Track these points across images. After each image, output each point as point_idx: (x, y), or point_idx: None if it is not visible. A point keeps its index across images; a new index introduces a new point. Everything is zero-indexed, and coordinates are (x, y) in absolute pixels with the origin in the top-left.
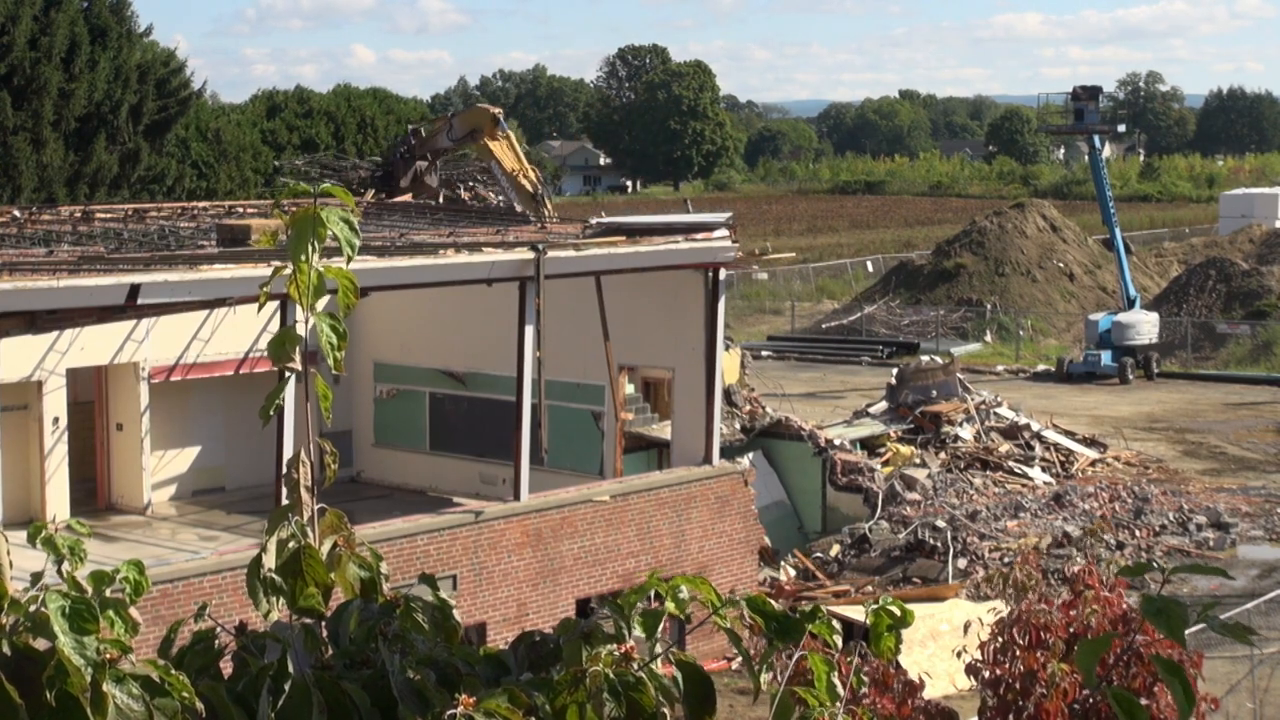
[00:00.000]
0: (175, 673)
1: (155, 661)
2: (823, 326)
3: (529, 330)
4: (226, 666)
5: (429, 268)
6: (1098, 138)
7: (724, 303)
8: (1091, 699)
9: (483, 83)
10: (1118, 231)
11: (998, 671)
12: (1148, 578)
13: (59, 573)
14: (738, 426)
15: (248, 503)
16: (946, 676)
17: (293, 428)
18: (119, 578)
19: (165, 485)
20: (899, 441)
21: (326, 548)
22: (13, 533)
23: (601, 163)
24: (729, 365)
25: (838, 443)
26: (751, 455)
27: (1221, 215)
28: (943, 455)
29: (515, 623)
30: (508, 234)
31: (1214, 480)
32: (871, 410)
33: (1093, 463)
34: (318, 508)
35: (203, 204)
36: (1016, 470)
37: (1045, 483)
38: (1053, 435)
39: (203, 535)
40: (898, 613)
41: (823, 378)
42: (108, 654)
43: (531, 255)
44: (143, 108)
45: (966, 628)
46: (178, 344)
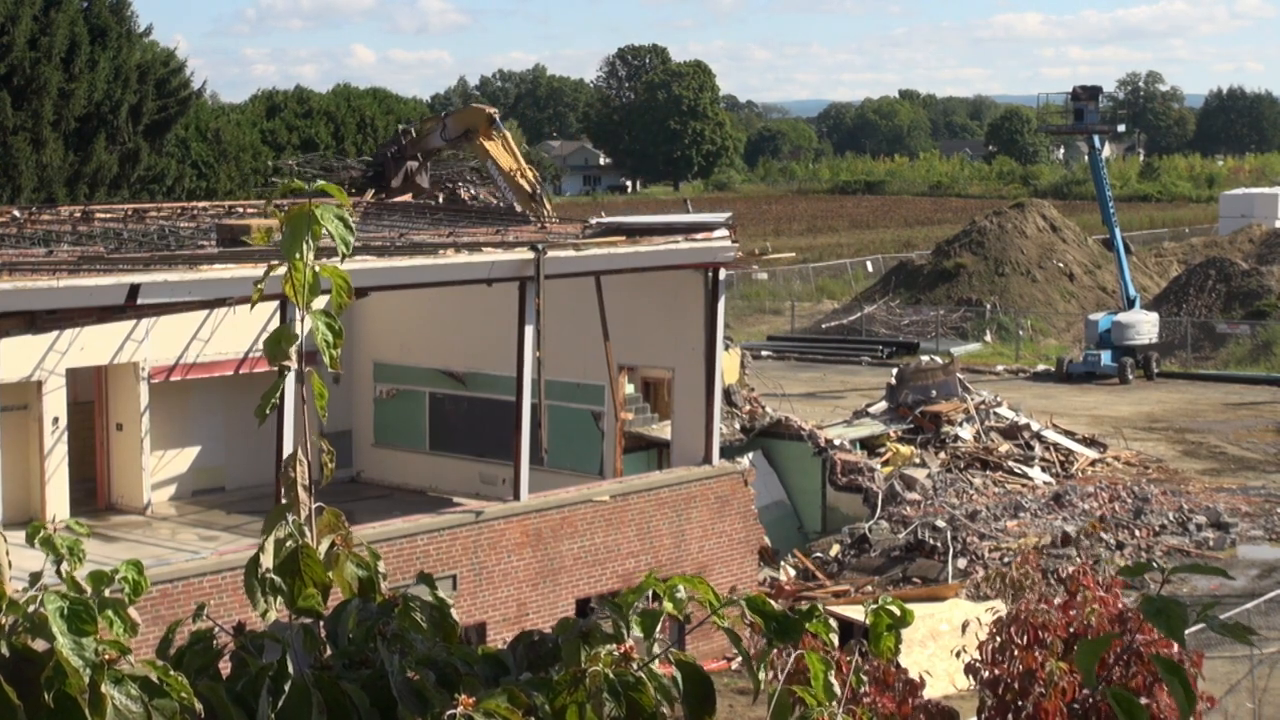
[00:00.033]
0: (174, 673)
1: (154, 662)
2: (823, 326)
3: (529, 330)
4: (225, 667)
5: (429, 268)
6: (1098, 138)
7: (724, 303)
8: (1091, 698)
9: (483, 83)
10: (1117, 231)
11: (996, 671)
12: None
13: (58, 573)
14: (738, 426)
15: (248, 503)
16: (946, 676)
17: (292, 427)
18: (118, 578)
19: (165, 485)
20: (899, 441)
21: (324, 547)
22: (12, 533)
23: (601, 163)
24: (729, 365)
25: (838, 443)
26: (751, 455)
27: (1221, 215)
28: (943, 455)
29: (515, 623)
30: (508, 234)
31: (1214, 480)
32: (871, 410)
33: (1092, 463)
34: (316, 507)
35: (203, 204)
36: (1016, 470)
37: (1045, 483)
38: (1052, 435)
39: (203, 535)
40: (897, 612)
41: (823, 378)
42: (106, 655)
43: (531, 255)
44: (143, 108)
45: (965, 627)
46: (178, 344)
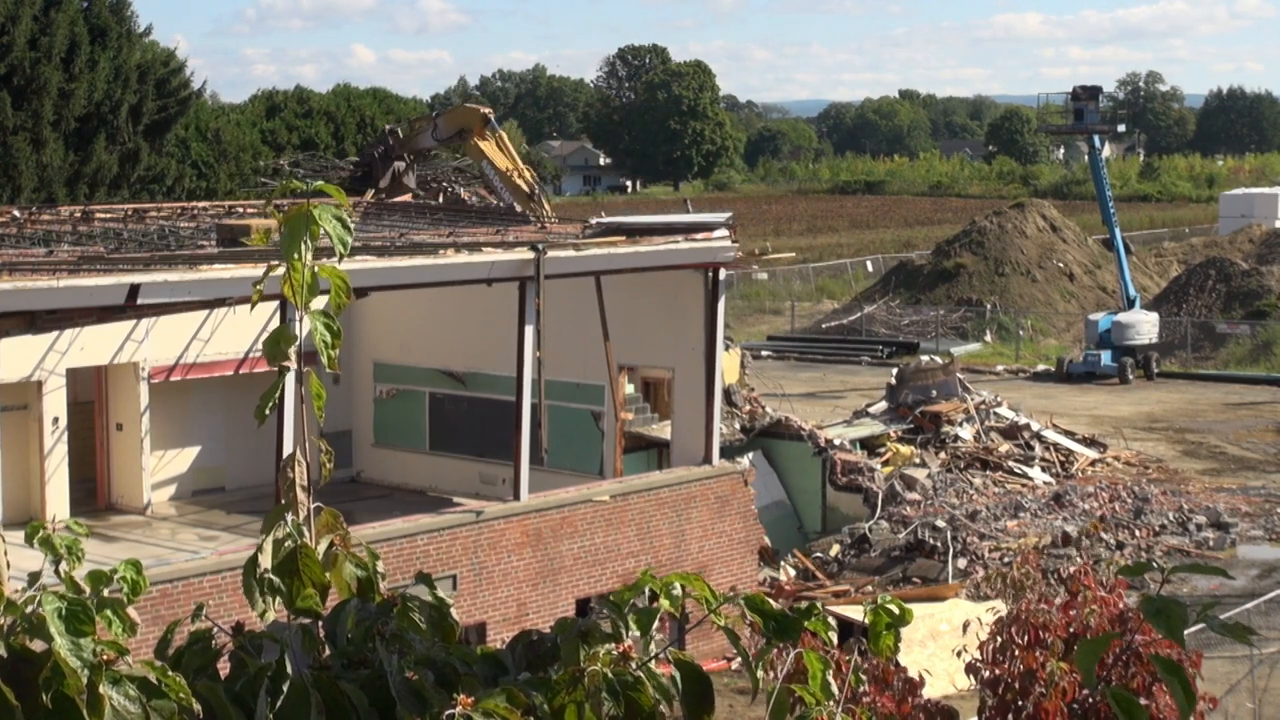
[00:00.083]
0: (172, 674)
1: (152, 663)
2: (823, 326)
3: (529, 330)
4: (224, 667)
5: (429, 268)
6: (1098, 138)
7: (724, 303)
8: (1090, 698)
9: (483, 83)
10: (1117, 231)
11: (997, 671)
12: (1147, 577)
13: (56, 573)
14: (738, 426)
15: (247, 503)
16: (946, 676)
17: (291, 427)
18: (116, 578)
19: (165, 485)
20: (899, 441)
21: (323, 547)
22: (12, 533)
23: (601, 163)
24: (729, 365)
25: (838, 443)
26: (751, 455)
27: (1221, 215)
28: (943, 455)
29: (515, 623)
30: (508, 234)
31: (1214, 480)
32: (871, 410)
33: (1092, 463)
34: (314, 507)
35: (203, 204)
36: (1016, 470)
37: (1045, 483)
38: (1052, 435)
39: (202, 535)
40: (896, 611)
41: (823, 378)
42: (104, 655)
43: (531, 255)
44: (143, 108)
45: (966, 627)
46: (178, 344)
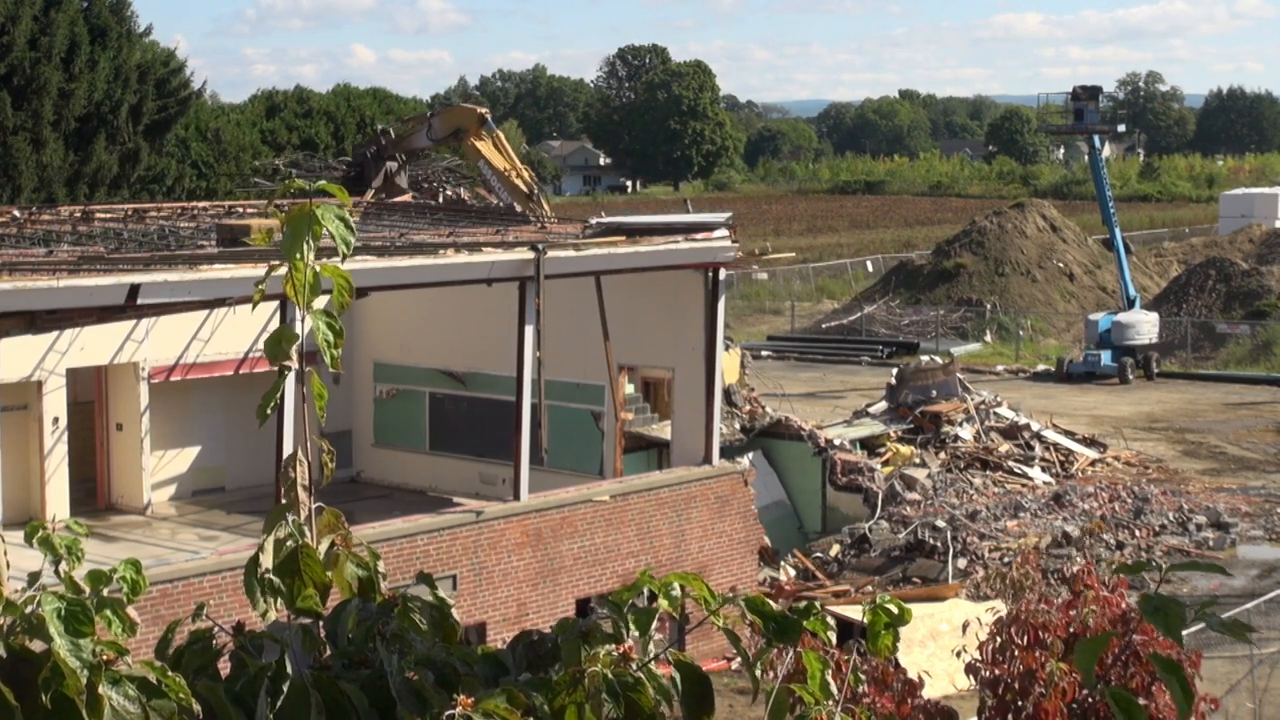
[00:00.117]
0: (171, 674)
1: (152, 663)
2: (823, 326)
3: (529, 330)
4: (225, 667)
5: (429, 268)
6: (1098, 138)
7: (724, 303)
8: (1090, 699)
9: (483, 83)
10: (1117, 231)
11: (996, 671)
12: (1146, 576)
13: (56, 573)
14: (738, 426)
15: (248, 503)
16: (946, 676)
17: (292, 427)
18: (116, 577)
19: (165, 485)
20: (899, 441)
21: (324, 547)
22: (12, 533)
23: (601, 163)
24: (729, 365)
25: (838, 443)
26: (751, 455)
27: (1221, 215)
28: (943, 455)
29: (515, 623)
30: (508, 234)
31: (1214, 480)
32: (871, 410)
33: (1092, 463)
34: (315, 507)
35: (203, 204)
36: (1016, 470)
37: (1045, 483)
38: (1052, 435)
39: (202, 535)
40: (895, 611)
41: (823, 378)
42: (104, 655)
43: (531, 255)
44: (143, 108)
45: (965, 628)
46: (178, 344)
